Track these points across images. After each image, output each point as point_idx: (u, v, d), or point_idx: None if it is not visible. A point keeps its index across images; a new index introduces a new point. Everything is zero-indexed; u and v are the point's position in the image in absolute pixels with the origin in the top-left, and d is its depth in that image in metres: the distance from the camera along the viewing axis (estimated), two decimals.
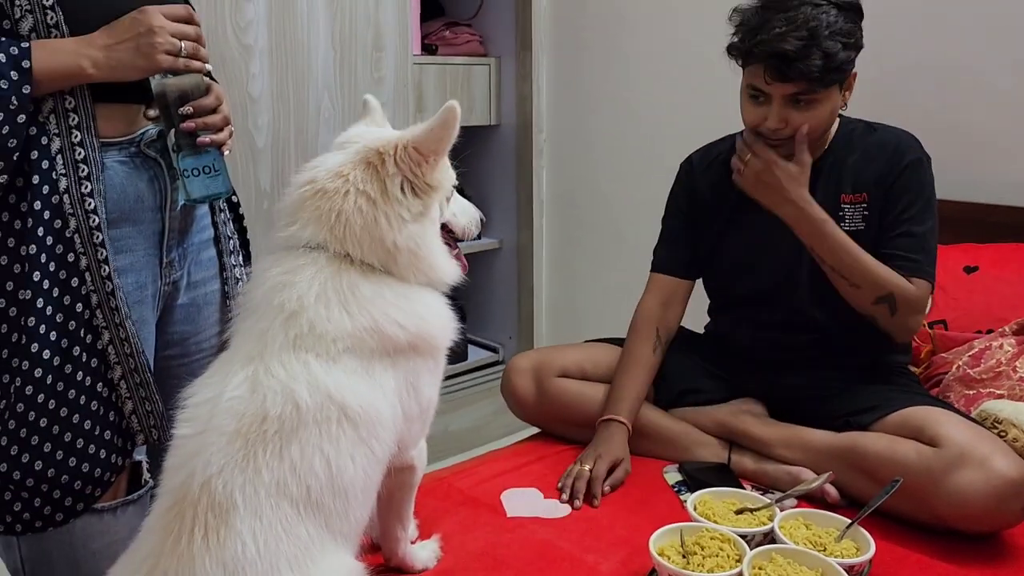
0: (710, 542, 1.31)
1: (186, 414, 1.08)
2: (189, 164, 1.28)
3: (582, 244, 3.19)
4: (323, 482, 1.05)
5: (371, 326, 1.12)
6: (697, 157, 1.91)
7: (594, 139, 3.09)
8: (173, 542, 1.00)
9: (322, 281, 1.13)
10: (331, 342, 1.10)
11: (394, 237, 1.15)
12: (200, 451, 1.03)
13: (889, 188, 1.68)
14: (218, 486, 1.01)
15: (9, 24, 1.18)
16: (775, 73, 1.58)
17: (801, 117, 1.61)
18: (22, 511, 1.26)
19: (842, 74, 1.60)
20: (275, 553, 1.01)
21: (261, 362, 1.08)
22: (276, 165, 2.45)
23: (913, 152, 1.69)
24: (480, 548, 1.44)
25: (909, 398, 1.63)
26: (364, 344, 1.12)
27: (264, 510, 1.02)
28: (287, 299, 1.12)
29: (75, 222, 1.23)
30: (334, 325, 1.11)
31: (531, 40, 3.13)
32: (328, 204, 1.15)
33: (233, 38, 2.29)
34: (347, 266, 1.15)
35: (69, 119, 1.22)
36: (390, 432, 1.14)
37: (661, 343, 1.85)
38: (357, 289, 1.14)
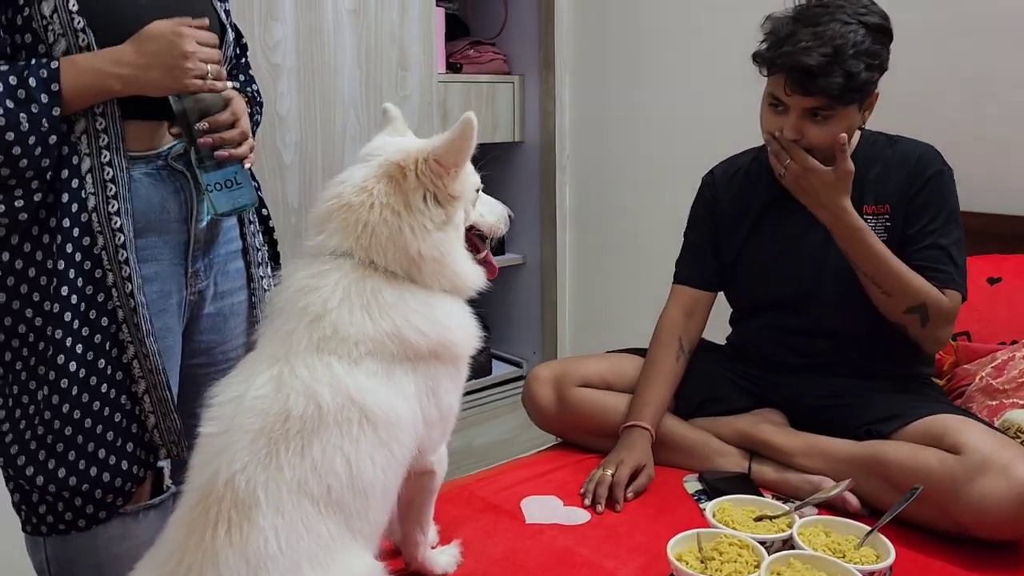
0: (728, 548, 1.31)
1: (212, 412, 1.11)
2: (212, 179, 1.31)
3: (605, 259, 3.20)
4: (343, 482, 1.07)
5: (393, 331, 1.15)
6: (720, 170, 1.93)
7: (617, 155, 3.10)
8: (198, 537, 1.02)
9: (346, 286, 1.16)
10: (353, 345, 1.12)
11: (418, 246, 1.18)
12: (225, 449, 1.06)
13: (912, 200, 1.68)
14: (241, 483, 1.03)
15: (44, 48, 1.22)
16: (795, 86, 1.59)
17: (817, 131, 1.62)
18: (46, 514, 1.30)
19: (862, 94, 1.61)
20: (296, 550, 1.03)
21: (286, 363, 1.11)
22: (304, 182, 2.50)
23: (935, 164, 1.69)
24: (500, 554, 1.45)
25: (931, 407, 1.62)
26: (385, 348, 1.14)
27: (286, 507, 1.04)
28: (312, 302, 1.15)
29: (102, 239, 1.27)
30: (356, 328, 1.13)
31: (554, 58, 3.16)
32: (354, 216, 1.19)
33: (262, 58, 2.35)
34: (371, 272, 1.18)
35: (99, 139, 1.26)
36: (410, 436, 1.16)
37: (684, 352, 1.85)
38: (380, 295, 1.16)
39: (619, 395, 1.84)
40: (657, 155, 2.95)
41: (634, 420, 1.75)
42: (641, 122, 3.00)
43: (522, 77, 3.28)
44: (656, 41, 2.92)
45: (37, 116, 1.18)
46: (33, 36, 1.22)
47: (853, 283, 1.71)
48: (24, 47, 1.23)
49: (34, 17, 1.21)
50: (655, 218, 2.94)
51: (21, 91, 1.18)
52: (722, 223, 1.88)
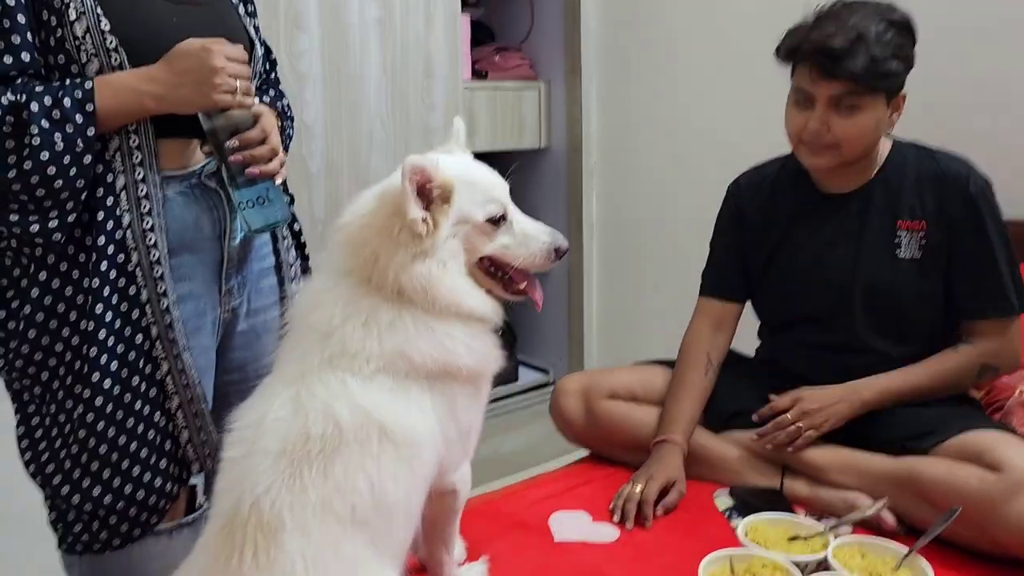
0: (762, 570, 1.30)
1: (233, 437, 1.11)
2: (244, 196, 1.32)
3: (632, 266, 3.18)
4: (367, 501, 1.07)
5: (398, 350, 1.14)
6: (745, 180, 1.90)
7: (643, 161, 3.08)
8: (224, 562, 1.02)
9: (345, 304, 1.15)
10: (364, 361, 1.12)
11: (398, 277, 1.14)
12: (248, 472, 1.06)
13: (954, 222, 1.65)
14: (266, 505, 1.03)
15: (77, 68, 1.23)
16: (821, 70, 1.58)
17: (843, 124, 1.60)
18: (82, 532, 1.31)
19: (888, 82, 1.58)
20: (323, 571, 1.03)
21: (302, 383, 1.11)
22: (330, 191, 2.50)
23: (975, 181, 1.65)
24: (528, 572, 1.44)
25: (969, 422, 1.59)
26: (396, 366, 1.13)
27: (311, 528, 1.04)
28: (318, 320, 1.15)
29: (137, 256, 1.28)
30: (363, 346, 1.12)
31: (580, 63, 3.15)
32: (360, 237, 1.17)
33: (288, 67, 2.36)
34: (372, 292, 1.15)
35: (133, 157, 1.27)
36: (430, 453, 1.16)
37: (712, 366, 1.83)
38: (377, 314, 1.14)
39: (648, 408, 1.83)
40: (684, 161, 2.93)
41: (664, 435, 1.74)
42: (667, 127, 2.98)
43: (548, 83, 3.27)
44: (682, 46, 2.90)
45: (72, 136, 1.19)
46: (66, 56, 1.23)
47: (884, 299, 1.69)
48: (57, 67, 1.24)
49: (67, 38, 1.22)
50: (682, 224, 2.92)
51: (56, 111, 1.18)
52: (748, 235, 1.86)
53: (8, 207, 1.19)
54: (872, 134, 1.64)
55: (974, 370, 1.66)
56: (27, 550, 2.01)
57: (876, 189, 1.71)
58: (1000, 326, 1.66)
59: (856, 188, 1.72)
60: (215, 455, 1.36)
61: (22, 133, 1.17)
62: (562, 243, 1.25)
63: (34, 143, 1.17)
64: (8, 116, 1.16)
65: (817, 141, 1.64)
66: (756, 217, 1.84)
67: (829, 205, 1.75)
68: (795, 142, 1.70)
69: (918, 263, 1.67)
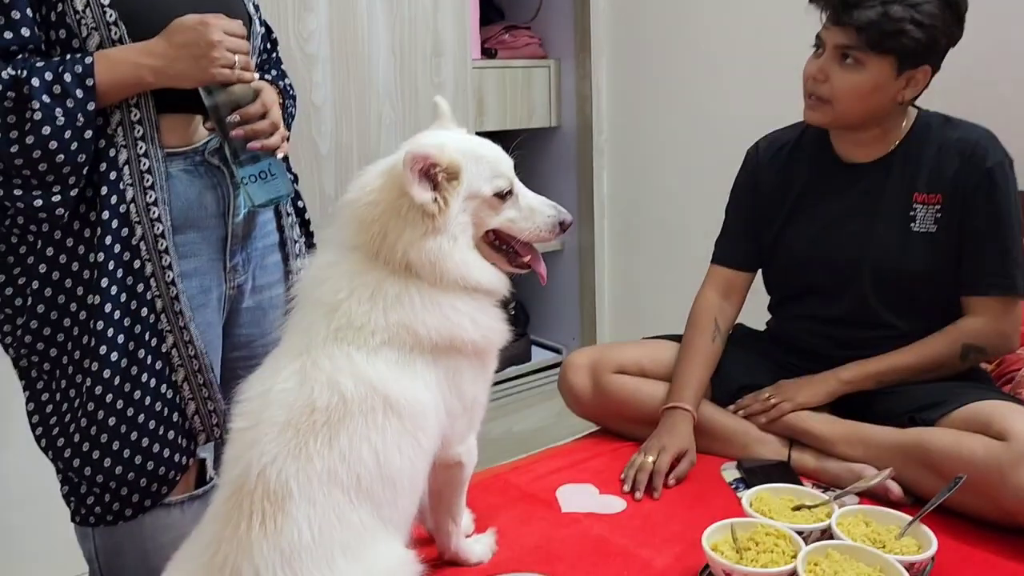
0: (765, 538, 1.29)
1: (240, 408, 1.13)
2: (246, 171, 1.33)
3: (643, 244, 3.18)
4: (372, 471, 1.09)
5: (403, 323, 1.15)
6: (764, 144, 1.89)
7: (654, 139, 3.07)
8: (232, 529, 1.04)
9: (351, 277, 1.17)
10: (369, 335, 1.14)
11: (407, 253, 1.16)
12: (255, 442, 1.08)
13: (970, 194, 1.62)
14: (272, 474, 1.05)
15: (78, 43, 1.25)
16: (832, 16, 1.59)
17: (842, 78, 1.60)
18: (94, 505, 1.34)
19: (896, 44, 1.55)
20: (329, 539, 1.05)
21: (308, 355, 1.13)
22: (339, 171, 2.51)
23: (995, 155, 1.62)
24: (535, 543, 1.45)
25: (977, 393, 1.58)
26: (401, 339, 1.15)
27: (317, 497, 1.05)
28: (324, 293, 1.17)
29: (141, 230, 1.29)
30: (369, 319, 1.14)
31: (590, 41, 3.14)
32: (366, 213, 1.19)
33: (296, 48, 2.37)
34: (378, 265, 1.17)
35: (135, 131, 1.29)
36: (434, 425, 1.17)
37: (720, 333, 1.84)
38: (384, 287, 1.16)
39: (655, 382, 1.83)
40: (695, 138, 2.92)
41: (675, 401, 1.74)
42: (678, 105, 2.97)
43: (558, 61, 3.26)
44: (693, 22, 2.88)
45: (73, 110, 1.21)
46: (67, 31, 1.24)
47: (894, 273, 1.68)
48: (59, 42, 1.25)
49: (67, 12, 1.23)
50: (693, 202, 2.91)
51: (57, 86, 1.20)
52: (763, 201, 1.84)
53: (12, 182, 1.21)
54: (871, 98, 1.60)
55: (957, 352, 1.65)
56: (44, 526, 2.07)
57: (896, 161, 1.69)
58: (998, 305, 1.64)
59: (876, 159, 1.71)
60: (223, 426, 1.39)
61: (23, 108, 1.18)
62: (566, 216, 1.27)
63: (35, 118, 1.18)
64: (9, 91, 1.17)
65: (814, 91, 1.63)
66: (772, 182, 1.83)
67: (847, 174, 1.74)
68: (806, 94, 1.68)
69: (932, 236, 1.65)
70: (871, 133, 1.68)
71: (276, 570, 1.02)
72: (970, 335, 1.65)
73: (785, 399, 1.71)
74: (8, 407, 1.91)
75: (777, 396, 1.72)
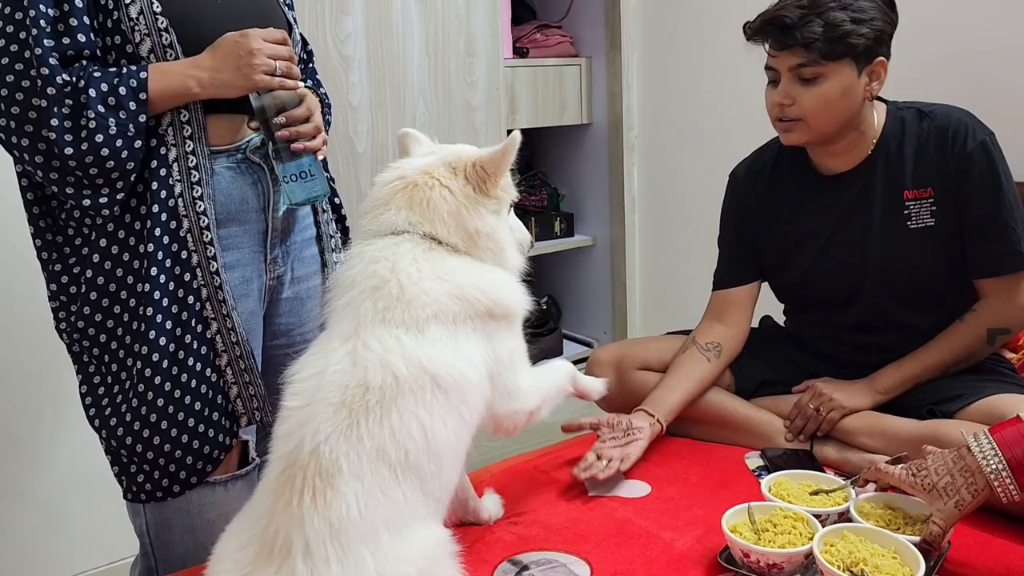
0: (783, 520, 1.33)
1: (293, 388, 1.20)
2: (288, 171, 1.40)
3: (674, 239, 3.21)
4: (420, 446, 1.15)
5: (455, 292, 1.24)
6: (742, 170, 1.89)
7: (684, 135, 3.10)
8: (285, 503, 1.11)
9: (415, 254, 1.26)
10: (420, 308, 1.21)
11: (476, 224, 1.30)
12: (308, 420, 1.14)
13: (960, 181, 1.62)
14: (325, 452, 1.11)
15: (132, 48, 1.33)
16: (775, 43, 1.60)
17: (808, 95, 1.60)
18: (144, 482, 1.42)
19: (847, 47, 1.55)
20: (375, 514, 1.11)
21: (358, 338, 1.19)
22: (376, 169, 2.58)
23: (975, 136, 1.61)
24: (561, 523, 1.51)
25: (997, 386, 1.60)
26: (448, 309, 1.22)
27: (365, 475, 1.12)
28: (380, 269, 1.24)
29: (188, 223, 1.37)
30: (422, 288, 1.22)
31: (620, 39, 3.18)
32: (419, 194, 1.29)
33: (334, 50, 2.44)
34: (435, 245, 1.28)
35: (183, 131, 1.37)
36: (477, 396, 1.25)
37: (699, 345, 1.83)
38: (444, 262, 1.27)
39: None
40: (724, 134, 2.94)
41: (650, 408, 1.75)
42: (708, 101, 2.99)
43: (589, 59, 3.30)
44: (723, 20, 2.90)
45: (125, 121, 1.29)
46: (122, 37, 1.33)
47: (902, 273, 1.68)
48: (114, 47, 1.34)
49: (122, 19, 1.32)
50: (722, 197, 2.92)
51: (112, 98, 1.29)
52: (750, 227, 1.85)
53: (66, 179, 1.30)
54: (841, 104, 1.60)
55: (983, 337, 1.66)
56: (97, 510, 2.17)
57: (878, 163, 1.68)
58: (1010, 283, 1.64)
59: (856, 165, 1.70)
60: (263, 410, 1.46)
61: (79, 115, 1.27)
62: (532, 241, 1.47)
63: (90, 126, 1.27)
64: (67, 99, 1.26)
65: (784, 115, 1.64)
66: (759, 206, 1.83)
67: (832, 187, 1.73)
68: (773, 121, 1.69)
69: (932, 231, 1.65)
70: (848, 139, 1.67)
71: (325, 542, 1.08)
72: (991, 318, 1.66)
73: (833, 408, 1.70)
74: (64, 394, 2.01)
75: (823, 405, 1.70)
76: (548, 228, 3.42)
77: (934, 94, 1.77)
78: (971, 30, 2.22)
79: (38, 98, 1.25)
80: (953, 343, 1.68)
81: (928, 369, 1.68)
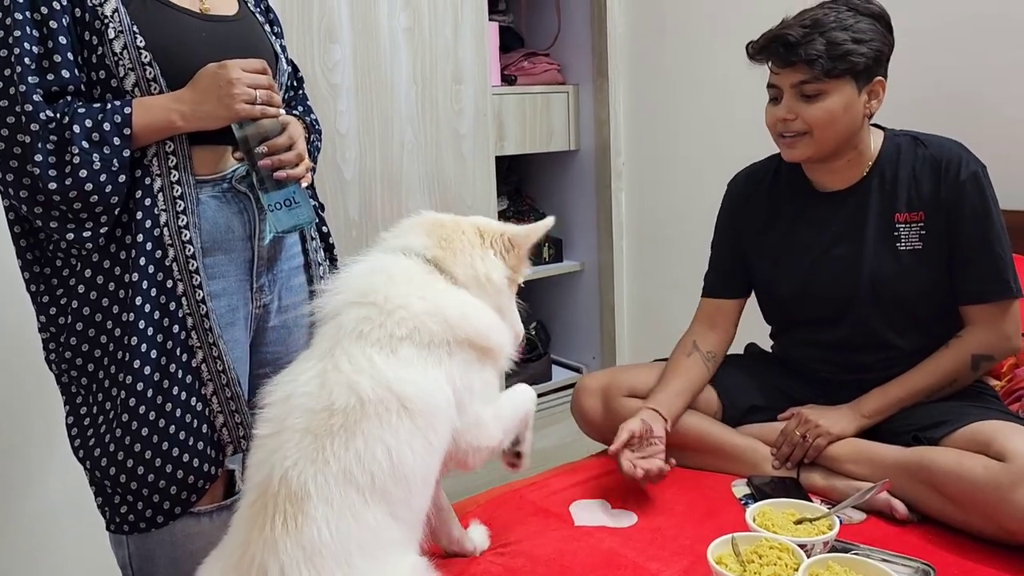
0: (768, 551, 1.34)
1: (264, 414, 1.21)
2: (273, 199, 1.41)
3: (662, 265, 3.23)
4: (385, 470, 1.15)
5: (438, 313, 1.25)
6: (742, 178, 1.94)
7: (671, 161, 3.13)
8: (258, 530, 1.11)
9: (412, 272, 1.30)
10: (396, 324, 1.22)
11: (490, 271, 1.35)
12: (278, 448, 1.15)
13: (950, 208, 1.67)
14: (293, 477, 1.12)
15: (116, 82, 1.34)
16: (778, 60, 1.65)
17: (811, 111, 1.64)
18: (128, 513, 1.41)
19: (849, 65, 1.60)
20: (347, 537, 1.12)
21: (332, 357, 1.20)
22: (364, 196, 2.60)
23: (968, 166, 1.66)
24: (547, 554, 1.50)
25: (981, 412, 1.61)
26: (425, 329, 1.23)
27: (334, 497, 1.12)
28: (375, 278, 1.27)
29: (173, 252, 1.37)
30: (405, 303, 1.24)
31: (607, 67, 3.21)
32: (443, 231, 1.36)
33: (322, 78, 2.46)
34: (437, 272, 1.32)
35: (168, 160, 1.37)
36: (444, 423, 1.24)
37: (700, 352, 1.87)
38: (436, 286, 1.30)
39: None
40: (711, 160, 2.96)
41: (653, 405, 1.77)
42: (695, 128, 3.02)
43: (576, 87, 3.33)
44: (707, 49, 2.93)
45: (109, 157, 1.30)
46: (106, 72, 1.33)
47: (890, 294, 1.71)
48: (99, 82, 1.34)
49: (107, 55, 1.32)
50: (709, 223, 2.90)
51: (96, 134, 1.29)
52: (743, 236, 1.89)
53: (50, 213, 1.30)
54: (843, 119, 1.65)
55: (968, 363, 1.68)
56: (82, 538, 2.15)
57: (872, 184, 1.73)
58: (997, 310, 1.67)
59: (851, 184, 1.75)
60: (249, 436, 1.45)
61: (63, 151, 1.27)
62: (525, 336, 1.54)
63: (74, 161, 1.27)
64: (52, 135, 1.27)
65: (789, 131, 1.69)
66: (754, 217, 1.87)
67: (827, 204, 1.77)
68: (775, 137, 1.74)
69: (920, 253, 1.69)
70: (846, 158, 1.72)
71: (300, 566, 1.09)
72: (976, 345, 1.68)
73: (819, 435, 1.70)
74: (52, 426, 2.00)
75: (810, 432, 1.71)
76: (537, 254, 3.43)
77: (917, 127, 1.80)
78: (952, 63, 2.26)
79: (22, 134, 1.26)
80: (938, 368, 1.70)
81: (913, 393, 1.70)
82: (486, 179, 2.88)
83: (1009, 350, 1.72)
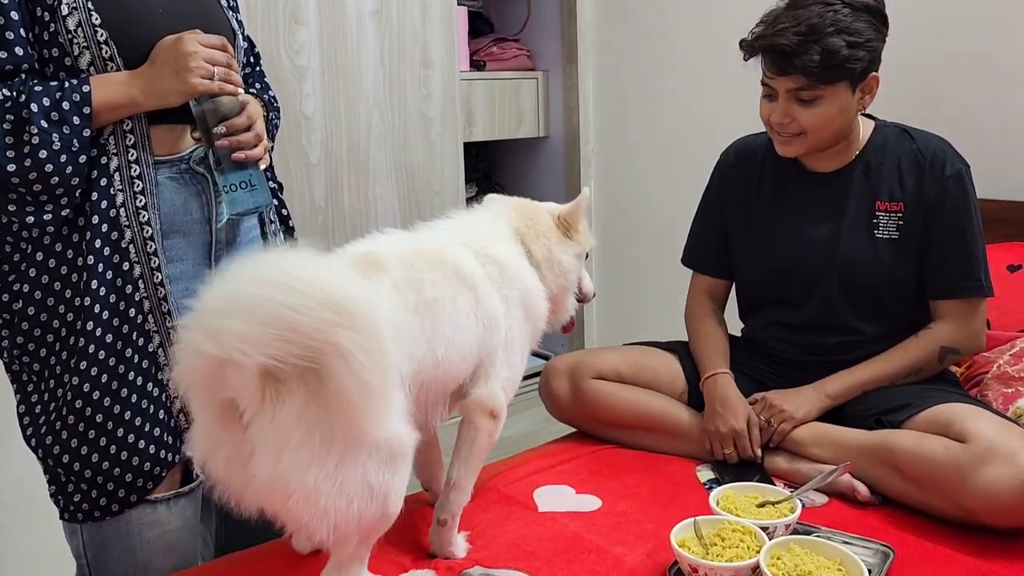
0: (731, 534, 1.34)
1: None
2: (229, 180, 1.38)
3: (631, 252, 3.23)
4: (444, 320, 1.34)
5: (505, 261, 1.47)
6: (734, 150, 1.95)
7: (640, 148, 3.13)
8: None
9: (501, 228, 1.54)
10: (487, 242, 1.47)
11: (559, 255, 1.57)
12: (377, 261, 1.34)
13: (932, 203, 1.69)
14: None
15: (70, 61, 1.30)
16: (774, 67, 1.64)
17: (806, 114, 1.65)
18: (81, 501, 1.38)
19: (845, 72, 1.61)
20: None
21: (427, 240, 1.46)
22: (329, 180, 2.57)
23: (953, 164, 1.69)
24: (511, 541, 1.49)
25: (942, 396, 1.63)
26: (495, 272, 1.44)
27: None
28: (481, 227, 1.52)
29: (130, 233, 1.34)
30: (489, 244, 1.47)
31: (577, 53, 3.20)
32: (528, 211, 1.59)
33: (287, 60, 2.42)
34: (520, 245, 1.55)
35: (126, 140, 1.34)
36: (495, 328, 1.43)
37: (720, 318, 1.94)
38: (515, 248, 1.52)
39: (633, 389, 1.86)
40: (681, 147, 2.97)
41: (712, 371, 1.82)
42: (664, 114, 3.02)
43: (545, 72, 3.31)
44: (677, 35, 2.93)
45: (69, 136, 1.26)
46: (60, 50, 1.29)
47: (861, 279, 1.73)
48: (51, 60, 1.30)
49: (60, 32, 1.28)
50: (680, 210, 2.91)
51: (55, 113, 1.25)
52: (728, 207, 1.91)
53: (8, 196, 1.26)
54: (838, 120, 1.68)
55: (935, 354, 1.71)
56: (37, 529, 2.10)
57: (857, 170, 1.75)
58: (966, 307, 1.70)
59: (837, 168, 1.77)
60: None
61: (21, 131, 1.23)
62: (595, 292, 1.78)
63: (33, 142, 1.23)
64: (8, 114, 1.22)
65: (784, 131, 1.69)
66: (739, 189, 1.89)
67: (812, 184, 1.80)
68: (768, 129, 1.76)
69: (896, 243, 1.71)
70: (836, 147, 1.75)
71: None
72: (944, 338, 1.71)
73: (784, 419, 1.71)
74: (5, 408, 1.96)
75: (775, 417, 1.72)
76: None
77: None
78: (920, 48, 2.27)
79: None
80: (906, 356, 1.72)
81: (878, 378, 1.72)
82: (455, 165, 2.85)
83: (975, 347, 1.76)
